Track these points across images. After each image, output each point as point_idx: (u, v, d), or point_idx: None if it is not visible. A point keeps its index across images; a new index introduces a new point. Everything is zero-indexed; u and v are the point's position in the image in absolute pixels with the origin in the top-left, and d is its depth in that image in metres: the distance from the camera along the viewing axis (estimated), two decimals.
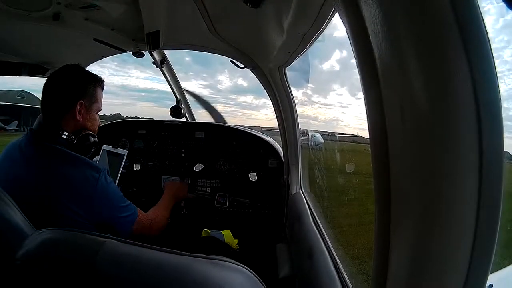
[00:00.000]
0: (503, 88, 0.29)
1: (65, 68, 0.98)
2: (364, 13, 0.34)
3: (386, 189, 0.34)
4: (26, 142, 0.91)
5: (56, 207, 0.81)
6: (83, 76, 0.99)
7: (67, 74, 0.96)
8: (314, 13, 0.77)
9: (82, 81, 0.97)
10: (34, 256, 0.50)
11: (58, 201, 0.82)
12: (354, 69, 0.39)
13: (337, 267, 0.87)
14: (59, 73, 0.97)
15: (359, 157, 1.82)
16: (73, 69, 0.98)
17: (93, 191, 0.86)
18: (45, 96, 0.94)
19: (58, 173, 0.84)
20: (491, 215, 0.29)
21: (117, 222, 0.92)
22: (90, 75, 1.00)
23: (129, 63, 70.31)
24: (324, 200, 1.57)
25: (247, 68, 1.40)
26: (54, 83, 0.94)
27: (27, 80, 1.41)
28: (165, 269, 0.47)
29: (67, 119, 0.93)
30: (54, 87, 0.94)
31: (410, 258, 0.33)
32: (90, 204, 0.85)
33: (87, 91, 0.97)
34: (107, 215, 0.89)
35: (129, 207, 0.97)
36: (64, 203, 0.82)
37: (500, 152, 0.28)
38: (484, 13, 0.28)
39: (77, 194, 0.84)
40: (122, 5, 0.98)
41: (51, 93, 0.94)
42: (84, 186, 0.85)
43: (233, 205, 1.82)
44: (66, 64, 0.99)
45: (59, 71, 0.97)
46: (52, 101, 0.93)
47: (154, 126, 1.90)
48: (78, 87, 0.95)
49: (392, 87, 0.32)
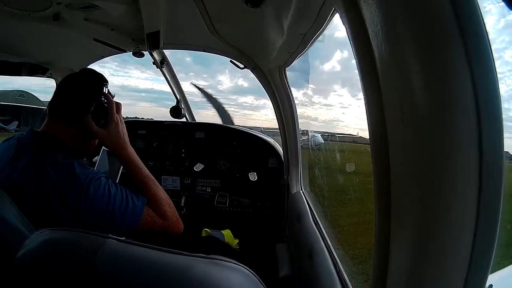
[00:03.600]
0: (504, 88, 0.29)
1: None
2: (364, 13, 0.34)
3: (386, 189, 0.34)
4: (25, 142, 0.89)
5: (49, 211, 0.80)
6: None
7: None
8: (314, 13, 0.77)
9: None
10: (34, 256, 0.50)
11: (50, 205, 0.80)
12: (355, 69, 0.39)
13: (337, 267, 0.87)
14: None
15: (359, 157, 1.82)
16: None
17: (80, 197, 0.80)
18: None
19: (48, 177, 0.82)
20: (491, 215, 0.29)
21: (112, 224, 0.84)
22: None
23: (129, 63, 70.21)
24: (325, 200, 1.57)
25: (247, 69, 1.40)
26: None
27: (27, 80, 1.41)
28: (165, 269, 0.47)
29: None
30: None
31: (410, 258, 0.32)
32: (78, 210, 0.80)
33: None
34: (98, 220, 0.83)
35: (130, 207, 0.87)
36: (54, 208, 0.80)
37: (500, 152, 0.28)
38: (485, 13, 0.28)
39: (64, 199, 0.79)
40: (122, 5, 0.98)
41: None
42: (71, 191, 0.80)
43: (233, 204, 1.82)
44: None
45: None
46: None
47: (154, 126, 1.90)
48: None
49: (392, 87, 0.32)
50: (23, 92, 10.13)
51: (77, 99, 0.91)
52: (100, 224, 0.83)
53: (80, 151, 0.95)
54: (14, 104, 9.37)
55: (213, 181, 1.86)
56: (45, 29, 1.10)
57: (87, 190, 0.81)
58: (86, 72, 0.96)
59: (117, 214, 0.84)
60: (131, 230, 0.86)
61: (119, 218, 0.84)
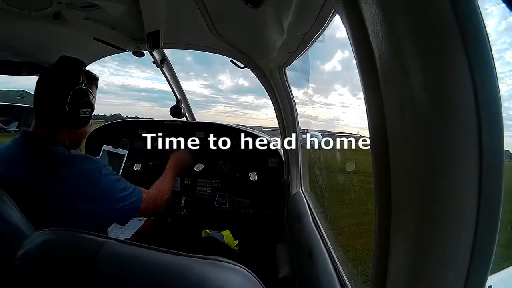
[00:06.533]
0: (504, 89, 0.29)
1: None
2: (364, 14, 0.34)
3: (386, 189, 0.34)
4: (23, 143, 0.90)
5: (59, 210, 0.81)
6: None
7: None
8: (315, 13, 0.77)
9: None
10: (34, 256, 0.50)
11: (61, 204, 0.81)
12: (355, 69, 0.39)
13: (336, 268, 0.87)
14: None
15: (359, 156, 1.81)
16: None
17: (97, 186, 0.86)
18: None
19: (57, 175, 0.84)
20: (491, 215, 0.29)
21: (122, 212, 0.92)
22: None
23: (130, 63, 70.43)
24: (325, 200, 1.57)
25: (247, 68, 1.40)
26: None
27: (27, 79, 1.42)
28: (164, 269, 0.47)
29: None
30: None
31: (410, 259, 0.32)
32: (95, 201, 0.85)
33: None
34: (112, 208, 0.89)
35: (133, 194, 0.96)
36: (68, 204, 0.82)
37: (500, 152, 0.28)
38: (486, 14, 0.28)
39: (80, 194, 0.84)
40: (122, 5, 0.98)
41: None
42: (87, 184, 0.85)
43: (233, 205, 1.82)
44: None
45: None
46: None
47: (154, 126, 1.90)
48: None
49: (392, 87, 0.32)
50: (23, 92, 10.10)
51: (53, 93, 0.90)
52: (115, 208, 0.90)
53: (73, 142, 0.96)
54: (14, 104, 9.34)
55: (213, 181, 1.86)
56: (45, 28, 1.10)
57: (100, 178, 0.87)
58: (59, 62, 0.95)
59: (128, 195, 0.94)
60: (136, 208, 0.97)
61: (129, 197, 0.95)
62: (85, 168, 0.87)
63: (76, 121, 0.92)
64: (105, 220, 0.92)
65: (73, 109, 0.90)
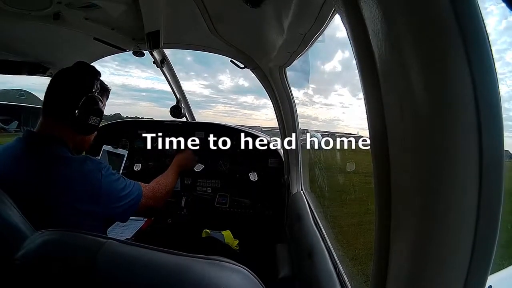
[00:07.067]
0: (504, 89, 0.29)
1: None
2: (364, 13, 0.34)
3: (386, 189, 0.34)
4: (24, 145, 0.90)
5: (60, 210, 0.81)
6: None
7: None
8: (315, 13, 0.77)
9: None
10: (34, 256, 0.50)
11: (62, 204, 0.81)
12: (355, 69, 0.39)
13: (336, 268, 0.87)
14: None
15: (359, 156, 1.81)
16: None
17: (98, 187, 0.86)
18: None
19: (58, 175, 0.84)
20: (491, 215, 0.29)
21: (123, 210, 0.93)
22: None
23: (130, 63, 70.48)
24: (325, 200, 1.57)
25: (247, 68, 1.40)
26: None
27: (27, 79, 1.42)
28: (165, 269, 0.47)
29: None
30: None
31: (410, 259, 0.32)
32: (97, 201, 0.85)
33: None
34: (114, 207, 0.90)
35: (133, 190, 0.97)
36: (69, 205, 0.82)
37: (500, 152, 0.28)
38: (486, 14, 0.28)
39: (81, 194, 0.84)
40: (122, 5, 0.98)
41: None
42: (88, 185, 0.85)
43: (233, 205, 1.82)
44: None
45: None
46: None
47: (154, 126, 1.90)
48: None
49: (392, 87, 0.32)
50: (23, 91, 10.08)
51: (66, 95, 0.92)
52: (116, 206, 0.91)
53: (76, 147, 0.96)
54: (14, 104, 9.32)
55: (213, 182, 1.86)
56: (45, 28, 1.10)
57: (101, 178, 0.88)
58: (77, 66, 0.96)
59: (128, 192, 0.95)
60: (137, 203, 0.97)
61: (130, 194, 0.96)
62: (86, 169, 0.87)
63: (83, 127, 0.93)
64: (106, 219, 0.92)
65: (82, 115, 0.91)
